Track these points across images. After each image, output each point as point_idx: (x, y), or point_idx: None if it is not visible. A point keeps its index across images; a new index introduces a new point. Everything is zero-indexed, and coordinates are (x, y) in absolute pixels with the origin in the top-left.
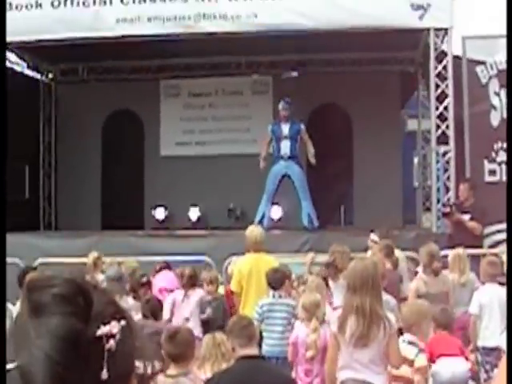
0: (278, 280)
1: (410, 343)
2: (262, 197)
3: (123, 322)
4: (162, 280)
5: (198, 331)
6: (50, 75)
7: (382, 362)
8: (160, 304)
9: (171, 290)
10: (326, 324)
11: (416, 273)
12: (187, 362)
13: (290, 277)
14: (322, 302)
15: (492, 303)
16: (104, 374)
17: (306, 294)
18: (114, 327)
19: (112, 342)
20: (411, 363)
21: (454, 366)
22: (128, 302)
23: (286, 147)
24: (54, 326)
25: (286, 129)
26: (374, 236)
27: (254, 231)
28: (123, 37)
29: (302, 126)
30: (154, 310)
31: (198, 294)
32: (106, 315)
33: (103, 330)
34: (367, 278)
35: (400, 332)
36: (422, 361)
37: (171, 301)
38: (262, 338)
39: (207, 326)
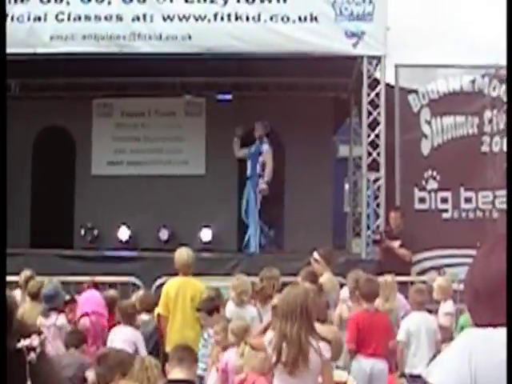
0: (210, 308)
1: (338, 367)
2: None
3: (43, 336)
4: (87, 302)
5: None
6: None
7: None
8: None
9: (96, 312)
10: None
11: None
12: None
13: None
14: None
15: (419, 331)
16: None
17: (234, 320)
18: (34, 340)
19: (33, 355)
20: None
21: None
22: (63, 320)
23: (248, 168)
24: None
25: (252, 149)
26: (316, 254)
27: (182, 253)
28: (57, 54)
29: (266, 147)
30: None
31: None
32: (25, 330)
33: (24, 342)
34: (297, 306)
35: None
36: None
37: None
38: None
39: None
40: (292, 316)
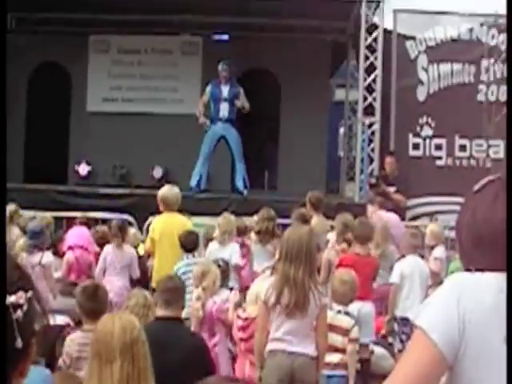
0: (191, 242)
1: (346, 314)
2: (198, 158)
3: (30, 293)
4: (73, 237)
5: (127, 285)
6: None
7: (313, 332)
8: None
9: (81, 247)
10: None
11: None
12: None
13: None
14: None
15: (413, 274)
16: (19, 343)
17: (200, 263)
18: (20, 298)
19: (19, 313)
20: (346, 332)
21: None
22: (49, 257)
23: (224, 109)
24: None
25: (225, 91)
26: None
27: (168, 191)
28: None
29: (241, 90)
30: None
31: (129, 249)
32: (12, 282)
33: (10, 299)
34: (301, 248)
35: None
36: (356, 333)
37: (103, 257)
38: None
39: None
40: (296, 258)
